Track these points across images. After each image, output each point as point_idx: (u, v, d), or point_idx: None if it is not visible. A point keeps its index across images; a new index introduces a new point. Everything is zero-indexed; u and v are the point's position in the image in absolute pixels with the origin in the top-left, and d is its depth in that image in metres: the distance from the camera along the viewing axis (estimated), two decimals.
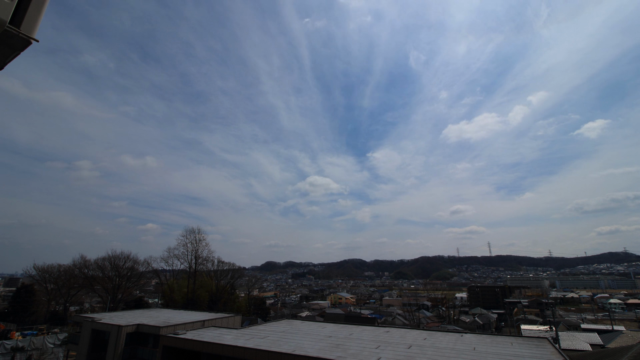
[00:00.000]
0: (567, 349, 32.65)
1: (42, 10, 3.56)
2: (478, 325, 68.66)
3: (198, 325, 29.07)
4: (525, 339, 22.49)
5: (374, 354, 18.78)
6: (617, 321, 70.46)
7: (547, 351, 18.70)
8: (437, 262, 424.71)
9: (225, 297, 68.83)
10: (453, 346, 20.40)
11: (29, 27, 3.42)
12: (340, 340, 22.53)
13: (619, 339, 37.19)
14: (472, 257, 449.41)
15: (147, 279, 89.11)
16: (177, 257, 64.97)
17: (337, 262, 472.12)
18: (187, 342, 23.45)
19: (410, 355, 18.30)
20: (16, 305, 62.75)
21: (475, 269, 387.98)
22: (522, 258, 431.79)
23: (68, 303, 70.65)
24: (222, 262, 73.76)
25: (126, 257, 69.85)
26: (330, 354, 18.51)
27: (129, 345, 27.69)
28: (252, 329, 28.18)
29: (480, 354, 18.40)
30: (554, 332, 34.31)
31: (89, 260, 70.92)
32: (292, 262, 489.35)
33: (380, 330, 27.12)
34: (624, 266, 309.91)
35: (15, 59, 3.68)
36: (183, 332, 25.77)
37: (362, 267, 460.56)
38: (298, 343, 21.45)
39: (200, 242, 66.24)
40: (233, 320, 33.59)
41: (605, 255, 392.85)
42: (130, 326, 27.76)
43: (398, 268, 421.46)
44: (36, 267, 71.59)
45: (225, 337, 24.24)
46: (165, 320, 30.22)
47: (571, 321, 63.27)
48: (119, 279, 66.85)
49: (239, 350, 20.43)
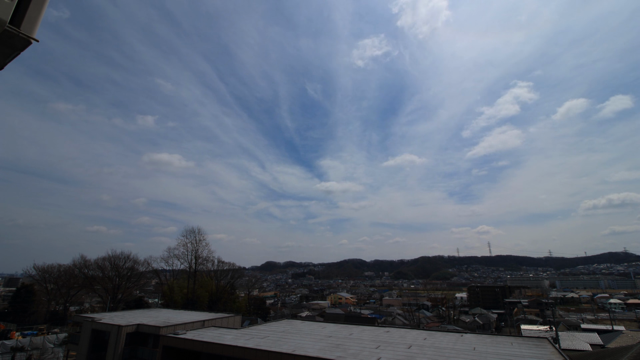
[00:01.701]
0: (567, 349, 32.66)
1: (42, 10, 3.57)
2: (478, 325, 68.66)
3: (198, 325, 29.07)
4: (525, 339, 22.49)
5: (374, 354, 18.78)
6: (617, 321, 70.46)
7: (547, 351, 18.71)
8: (437, 262, 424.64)
9: (225, 297, 68.86)
10: (453, 346, 20.40)
11: (29, 27, 3.43)
12: (340, 340, 22.53)
13: (619, 339, 37.20)
14: (472, 257, 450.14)
15: (147, 279, 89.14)
16: (177, 257, 65.08)
17: (337, 262, 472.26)
18: (187, 342, 23.46)
19: (410, 355, 18.30)
20: (16, 305, 62.81)
21: (475, 269, 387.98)
22: (522, 258, 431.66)
23: (68, 303, 70.69)
24: (222, 262, 73.89)
25: (126, 257, 69.97)
26: (330, 354, 18.51)
27: (129, 345, 27.68)
28: (252, 329, 28.19)
29: (480, 354, 18.41)
30: (554, 332, 34.31)
31: (89, 260, 71.08)
32: (292, 262, 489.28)
33: (380, 330, 27.12)
34: (624, 266, 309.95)
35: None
36: (183, 332, 25.78)
37: (362, 267, 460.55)
38: (298, 343, 21.45)
39: (200, 242, 66.36)
40: (233, 320, 33.60)
41: (605, 255, 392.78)
42: (130, 326, 27.76)
43: (398, 268, 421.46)
44: (36, 267, 71.71)
45: (225, 337, 24.25)
46: (165, 320, 30.22)
47: (571, 321, 63.28)
48: (119, 279, 66.89)
49: (239, 350, 20.43)
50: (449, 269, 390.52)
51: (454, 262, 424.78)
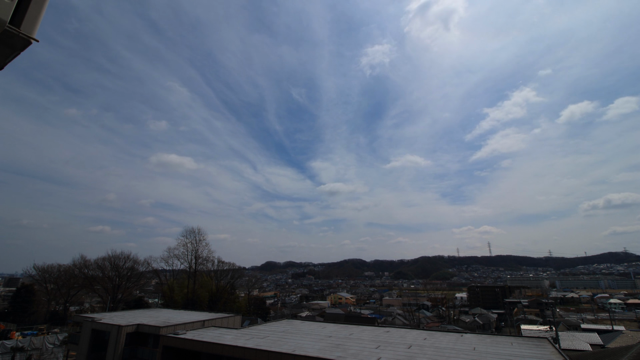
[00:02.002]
0: (567, 349, 32.66)
1: (42, 10, 3.57)
2: (478, 325, 68.65)
3: (198, 325, 29.07)
4: (525, 339, 22.48)
5: (374, 354, 18.78)
6: (617, 321, 70.46)
7: (547, 351, 18.70)
8: (437, 262, 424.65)
9: (225, 297, 68.85)
10: (453, 346, 20.40)
11: (29, 27, 3.43)
12: (340, 340, 22.52)
13: (619, 339, 37.20)
14: (472, 257, 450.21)
15: (147, 279, 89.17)
16: (177, 257, 65.06)
17: (337, 262, 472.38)
18: (187, 342, 23.45)
19: (410, 355, 18.30)
20: (16, 305, 62.79)
21: (475, 269, 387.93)
22: (522, 258, 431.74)
23: (68, 303, 70.68)
24: (222, 262, 73.85)
25: (126, 257, 69.97)
26: (330, 354, 18.50)
27: (129, 345, 27.68)
28: (252, 329, 28.18)
29: (480, 354, 18.40)
30: (554, 332, 34.30)
31: (89, 260, 71.08)
32: (292, 262, 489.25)
33: (380, 330, 27.11)
34: (624, 266, 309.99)
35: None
36: (183, 332, 25.77)
37: (362, 267, 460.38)
38: (298, 343, 21.45)
39: (200, 242, 66.36)
40: (233, 320, 33.59)
41: (605, 255, 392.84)
42: (130, 326, 27.75)
43: (398, 268, 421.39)
44: (36, 267, 71.73)
45: (225, 337, 24.24)
46: (165, 320, 30.21)
47: (571, 321, 63.27)
48: (119, 279, 66.88)
49: (239, 350, 20.43)
50: (449, 269, 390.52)
51: (454, 262, 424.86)
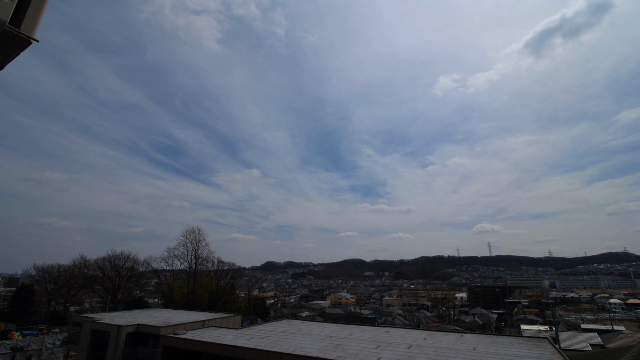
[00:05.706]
0: (567, 349, 32.64)
1: (42, 10, 3.56)
2: (478, 325, 68.62)
3: (198, 325, 29.06)
4: (525, 339, 22.48)
5: (374, 354, 18.77)
6: (617, 321, 70.42)
7: (547, 351, 18.70)
8: (437, 262, 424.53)
9: (225, 297, 68.79)
10: (453, 346, 20.40)
11: (29, 27, 3.42)
12: (340, 340, 22.52)
13: (619, 339, 37.19)
14: (472, 257, 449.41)
15: (147, 279, 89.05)
16: (177, 257, 65.08)
17: (337, 262, 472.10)
18: (187, 342, 23.45)
19: (410, 355, 18.29)
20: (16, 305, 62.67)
21: (475, 269, 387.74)
22: (522, 258, 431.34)
23: (68, 303, 70.60)
24: (222, 262, 73.81)
25: (126, 257, 69.87)
26: (330, 354, 18.51)
27: (129, 345, 27.68)
28: (252, 329, 28.19)
29: (480, 354, 18.40)
30: (554, 332, 34.30)
31: (89, 260, 70.97)
32: (292, 262, 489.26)
33: (380, 330, 27.12)
34: (624, 266, 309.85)
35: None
36: (183, 332, 25.77)
37: (362, 267, 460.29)
38: (298, 343, 21.44)
39: (200, 242, 66.35)
40: (233, 320, 33.58)
41: (605, 255, 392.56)
42: (130, 326, 27.75)
43: (398, 268, 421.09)
44: (36, 267, 71.56)
45: (225, 337, 24.24)
46: (165, 320, 30.21)
47: (571, 321, 63.27)
48: (119, 279, 66.82)
49: (239, 350, 20.43)
50: (449, 269, 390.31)
51: (454, 262, 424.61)
